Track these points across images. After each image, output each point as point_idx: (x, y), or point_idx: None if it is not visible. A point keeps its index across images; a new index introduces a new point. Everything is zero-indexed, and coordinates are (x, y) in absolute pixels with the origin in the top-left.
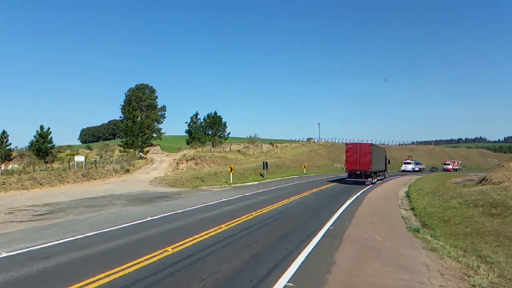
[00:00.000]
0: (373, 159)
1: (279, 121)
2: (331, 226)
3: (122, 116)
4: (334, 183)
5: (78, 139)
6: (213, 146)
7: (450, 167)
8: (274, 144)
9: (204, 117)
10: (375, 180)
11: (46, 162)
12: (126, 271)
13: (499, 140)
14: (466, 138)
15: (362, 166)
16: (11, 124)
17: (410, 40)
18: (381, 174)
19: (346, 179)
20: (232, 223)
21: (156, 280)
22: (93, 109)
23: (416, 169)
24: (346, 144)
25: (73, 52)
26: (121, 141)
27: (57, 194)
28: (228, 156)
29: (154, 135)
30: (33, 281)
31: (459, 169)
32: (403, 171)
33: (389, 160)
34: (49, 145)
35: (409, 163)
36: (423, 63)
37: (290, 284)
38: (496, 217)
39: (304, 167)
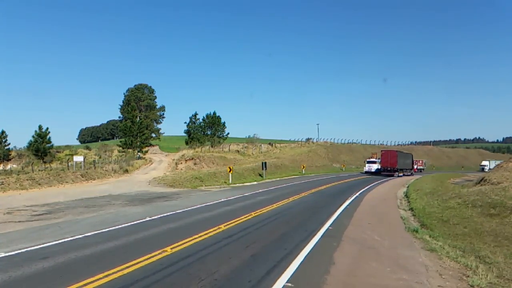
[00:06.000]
0: (398, 160)
1: (278, 121)
2: (330, 226)
3: (121, 116)
4: (334, 183)
5: (77, 139)
6: (212, 146)
7: (414, 166)
8: (273, 144)
9: (203, 117)
10: (401, 174)
11: (45, 162)
12: (125, 271)
13: (497, 140)
14: (465, 139)
15: (391, 164)
16: (9, 124)
17: (409, 40)
18: (407, 171)
19: (381, 173)
20: (231, 223)
21: (155, 280)
22: (92, 109)
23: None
24: (381, 150)
25: (72, 52)
26: (120, 141)
27: (56, 194)
28: (227, 156)
29: (153, 135)
30: (31, 282)
31: (423, 169)
32: (366, 172)
33: (415, 162)
34: (48, 145)
35: (373, 163)
36: (422, 63)
37: (289, 285)
38: (495, 217)
39: (303, 167)
